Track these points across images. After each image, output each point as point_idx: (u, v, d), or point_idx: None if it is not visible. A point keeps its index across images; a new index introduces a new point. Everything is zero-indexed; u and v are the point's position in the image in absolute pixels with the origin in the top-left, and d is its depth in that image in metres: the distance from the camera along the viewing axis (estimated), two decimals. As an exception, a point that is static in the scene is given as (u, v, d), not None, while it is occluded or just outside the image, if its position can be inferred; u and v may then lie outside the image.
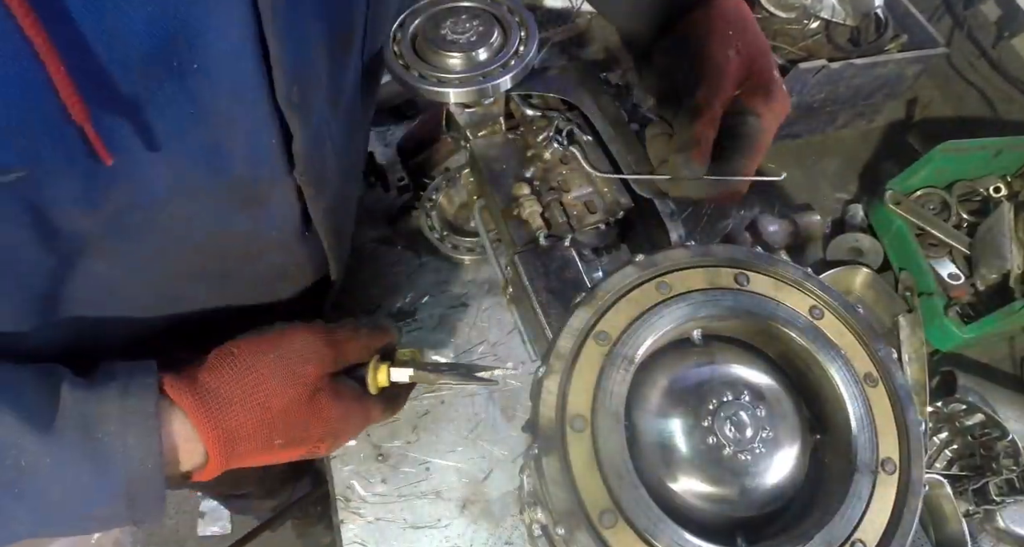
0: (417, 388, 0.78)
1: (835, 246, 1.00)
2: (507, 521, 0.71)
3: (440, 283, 0.85)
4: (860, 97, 1.05)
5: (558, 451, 0.41)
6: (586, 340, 0.45)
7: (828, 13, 1.01)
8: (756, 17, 1.03)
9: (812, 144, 1.12)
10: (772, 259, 0.51)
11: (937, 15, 1.20)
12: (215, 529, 1.78)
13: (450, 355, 0.80)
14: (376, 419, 0.59)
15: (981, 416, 0.80)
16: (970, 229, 1.00)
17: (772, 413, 0.46)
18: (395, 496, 0.72)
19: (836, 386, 0.47)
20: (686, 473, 0.44)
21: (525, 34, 0.58)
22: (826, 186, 1.08)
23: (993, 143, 0.99)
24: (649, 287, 0.48)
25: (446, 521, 0.71)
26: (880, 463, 0.45)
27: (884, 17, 1.04)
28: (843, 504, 0.43)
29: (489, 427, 0.76)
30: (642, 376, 0.47)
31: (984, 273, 0.93)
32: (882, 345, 0.49)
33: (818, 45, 1.02)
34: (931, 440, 0.81)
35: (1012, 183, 1.02)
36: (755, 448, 0.44)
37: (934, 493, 0.73)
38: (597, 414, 0.43)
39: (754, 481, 0.44)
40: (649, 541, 0.40)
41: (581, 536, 0.39)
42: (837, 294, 0.51)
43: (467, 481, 0.73)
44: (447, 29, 0.57)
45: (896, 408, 0.47)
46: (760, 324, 0.49)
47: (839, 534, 0.42)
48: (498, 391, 0.78)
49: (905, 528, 0.43)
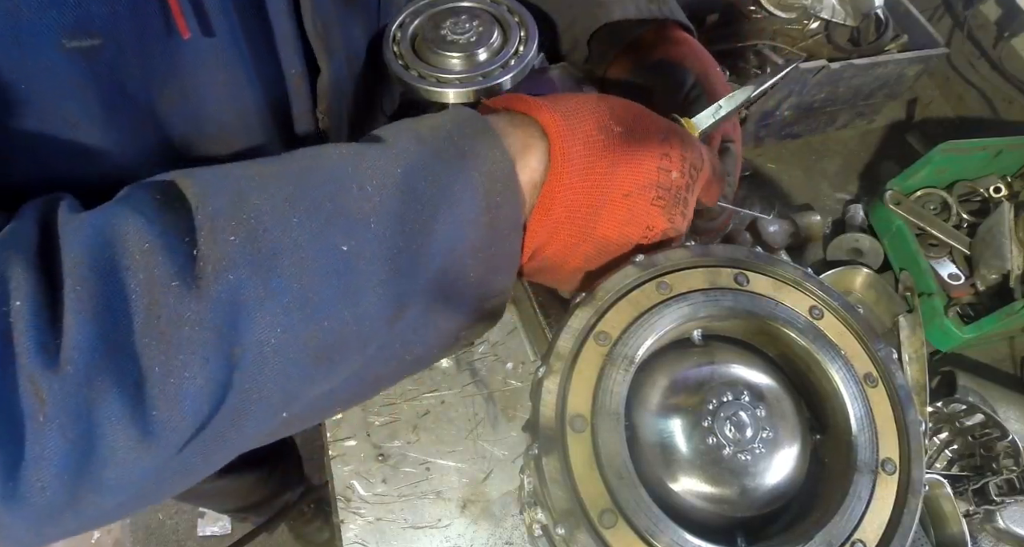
0: (417, 388, 0.78)
1: (835, 246, 1.00)
2: (507, 521, 0.71)
3: (440, 283, 0.85)
4: (860, 97, 1.05)
5: (558, 451, 0.41)
6: (586, 340, 0.45)
7: (828, 13, 1.01)
8: (756, 17, 1.03)
9: (812, 144, 1.12)
10: (772, 259, 0.51)
11: (937, 15, 1.20)
12: (215, 529, 1.78)
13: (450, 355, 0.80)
14: (712, 162, 0.50)
15: (981, 416, 0.80)
16: (970, 229, 1.00)
17: (772, 413, 0.46)
18: (395, 496, 0.72)
19: (836, 386, 0.47)
20: (686, 473, 0.45)
21: (525, 34, 0.58)
22: (826, 186, 1.08)
23: (993, 143, 0.99)
24: (649, 287, 0.48)
25: (446, 521, 0.71)
26: (880, 463, 0.45)
27: (884, 17, 1.04)
28: (843, 504, 0.43)
29: (489, 427, 0.76)
30: (642, 376, 0.47)
31: (984, 273, 0.93)
32: (882, 345, 0.49)
33: (818, 45, 1.03)
34: (931, 440, 0.81)
35: (1012, 183, 1.02)
36: (755, 448, 0.44)
37: (934, 493, 0.73)
38: (597, 414, 0.43)
39: (754, 481, 0.44)
40: (649, 541, 0.40)
41: (581, 536, 0.39)
42: (837, 294, 0.51)
43: (467, 481, 0.73)
44: (447, 29, 0.57)
45: (896, 408, 0.47)
46: (760, 324, 0.49)
47: (839, 534, 0.42)
48: (498, 391, 0.78)
49: (905, 528, 0.43)
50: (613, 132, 0.43)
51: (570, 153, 0.42)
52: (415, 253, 0.39)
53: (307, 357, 0.36)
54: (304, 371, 0.37)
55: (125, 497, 0.35)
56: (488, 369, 0.79)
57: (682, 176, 0.45)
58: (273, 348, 0.35)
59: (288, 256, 0.35)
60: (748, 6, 1.03)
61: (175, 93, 0.45)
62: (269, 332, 0.35)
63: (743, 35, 1.03)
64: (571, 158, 0.42)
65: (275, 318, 0.35)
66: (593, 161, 0.43)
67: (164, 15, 0.40)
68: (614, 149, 0.43)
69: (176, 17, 0.40)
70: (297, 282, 0.35)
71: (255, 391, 0.35)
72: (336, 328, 0.37)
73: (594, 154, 0.43)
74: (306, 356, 0.36)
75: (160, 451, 0.34)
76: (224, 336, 0.34)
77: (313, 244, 0.36)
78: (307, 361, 0.37)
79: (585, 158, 0.43)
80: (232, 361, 0.34)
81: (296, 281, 0.35)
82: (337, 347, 0.38)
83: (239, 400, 0.35)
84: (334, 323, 0.37)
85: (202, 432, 0.35)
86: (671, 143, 0.45)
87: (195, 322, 0.33)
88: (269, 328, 0.35)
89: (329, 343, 0.37)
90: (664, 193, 0.45)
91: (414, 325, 0.42)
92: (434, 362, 0.48)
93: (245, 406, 0.35)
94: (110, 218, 0.34)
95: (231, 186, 0.36)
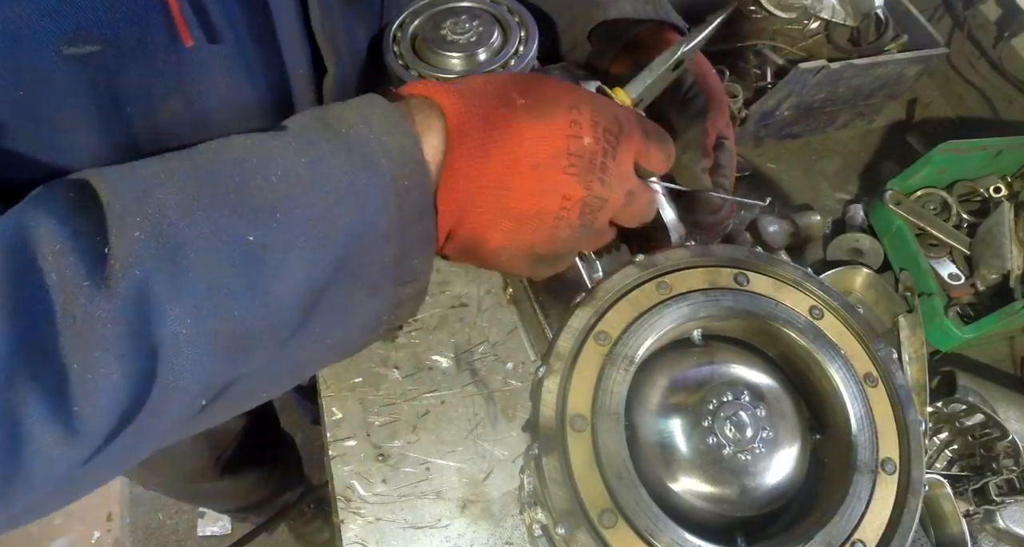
0: (417, 388, 0.78)
1: (835, 246, 1.00)
2: (507, 521, 0.71)
3: (440, 283, 0.85)
4: (860, 97, 1.05)
5: (558, 451, 0.41)
6: (586, 340, 0.45)
7: (828, 13, 1.01)
8: (756, 17, 1.03)
9: (812, 144, 1.12)
10: (772, 259, 0.51)
11: (937, 15, 1.20)
12: (215, 529, 1.78)
13: (450, 355, 0.80)
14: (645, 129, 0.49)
15: (981, 416, 0.80)
16: (970, 229, 1.00)
17: (772, 413, 0.46)
18: (395, 496, 0.72)
19: (836, 386, 0.47)
20: (686, 473, 0.45)
21: (525, 34, 0.58)
22: (826, 186, 1.08)
23: (993, 143, 0.99)
24: (649, 287, 0.48)
25: (446, 521, 0.71)
26: (880, 463, 0.45)
27: (884, 17, 1.04)
28: (843, 504, 0.43)
29: (489, 427, 0.76)
30: (642, 376, 0.48)
31: (984, 273, 0.93)
32: (882, 345, 0.49)
33: (818, 45, 1.03)
34: (931, 440, 0.81)
35: (1012, 183, 1.02)
36: (755, 448, 0.44)
37: (934, 493, 0.73)
38: (597, 414, 0.43)
39: (754, 481, 0.44)
40: (649, 541, 0.40)
41: (581, 536, 0.39)
42: (837, 294, 0.51)
43: (467, 481, 0.73)
44: (447, 29, 0.57)
45: (896, 408, 0.47)
46: (760, 324, 0.49)
47: (839, 534, 0.42)
48: (498, 391, 0.78)
49: (905, 528, 0.43)
50: (516, 105, 0.43)
51: (467, 128, 0.43)
52: (323, 242, 0.39)
53: (220, 347, 0.37)
54: (218, 360, 0.37)
55: (53, 491, 0.36)
56: (488, 369, 0.79)
57: (596, 142, 0.44)
58: (186, 339, 0.35)
59: (193, 249, 0.36)
60: (748, 6, 1.03)
61: (177, 100, 0.45)
62: (179, 324, 0.35)
63: (743, 35, 1.03)
64: (469, 132, 0.43)
65: (184, 311, 0.35)
66: (494, 135, 0.43)
67: (167, 23, 0.40)
68: (518, 121, 0.43)
69: (179, 26, 0.40)
70: (203, 274, 0.36)
71: (172, 381, 0.36)
72: (247, 318, 0.37)
73: (496, 128, 0.43)
74: (219, 346, 0.37)
75: (85, 446, 0.34)
76: (137, 331, 0.34)
77: (217, 236, 0.36)
78: (220, 351, 0.37)
79: (485, 132, 0.43)
80: (147, 354, 0.35)
81: (202, 273, 0.36)
82: (249, 336, 0.38)
83: (158, 391, 0.35)
84: (244, 313, 0.37)
85: (124, 424, 0.35)
86: (579, 110, 0.44)
87: (107, 319, 0.34)
88: (179, 320, 0.35)
89: (240, 332, 0.37)
90: (577, 160, 0.44)
91: (330, 311, 0.42)
92: (363, 347, 0.48)
93: (163, 396, 0.36)
94: (22, 220, 0.35)
95: (137, 183, 0.36)
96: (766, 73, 1.02)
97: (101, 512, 1.82)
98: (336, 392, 0.77)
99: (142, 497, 1.83)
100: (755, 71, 1.02)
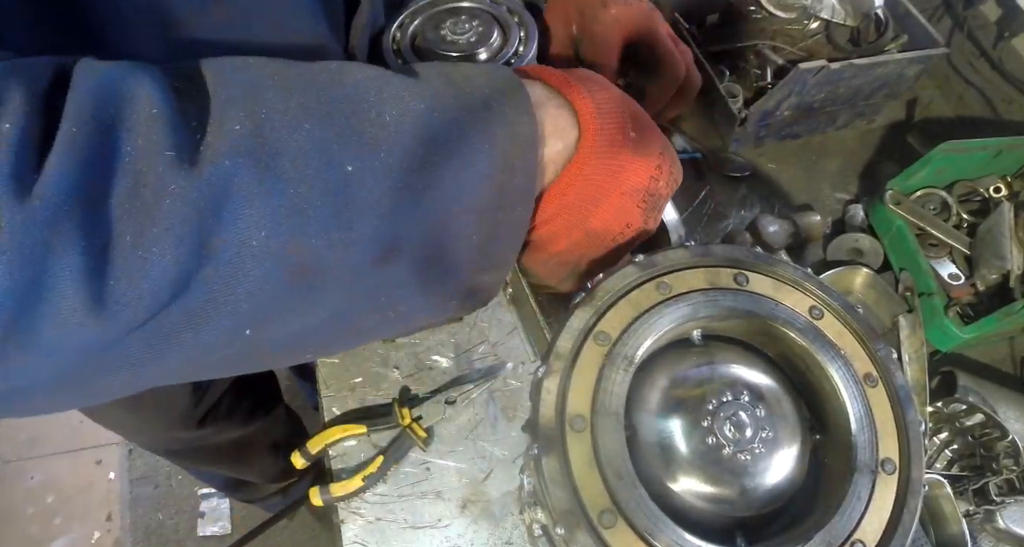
0: (417, 388, 0.78)
1: (835, 246, 1.00)
2: (507, 521, 0.71)
3: (440, 283, 0.85)
4: (860, 97, 1.05)
5: (558, 451, 0.41)
6: (586, 340, 0.45)
7: (828, 13, 1.01)
8: (755, 17, 1.03)
9: (812, 144, 1.12)
10: (772, 259, 0.51)
11: (937, 15, 1.20)
12: (215, 529, 1.78)
13: (450, 355, 0.80)
14: None
15: (981, 416, 0.80)
16: (970, 229, 1.00)
17: (772, 413, 0.46)
18: (395, 496, 0.72)
19: (836, 386, 0.47)
20: (686, 473, 0.45)
21: (525, 34, 0.58)
22: (826, 186, 1.08)
23: (993, 143, 0.99)
24: (649, 287, 0.48)
25: (446, 521, 0.71)
26: (880, 463, 0.45)
27: (884, 17, 1.04)
28: (843, 504, 0.43)
29: (489, 427, 0.76)
30: (642, 376, 0.48)
31: (984, 273, 0.93)
32: (882, 345, 0.49)
33: (818, 45, 1.02)
34: (931, 440, 0.81)
35: (1012, 183, 1.02)
36: (755, 448, 0.44)
37: (934, 493, 0.73)
38: (597, 414, 0.43)
39: (754, 481, 0.45)
40: (649, 541, 0.40)
41: (581, 536, 0.39)
42: (837, 294, 0.51)
43: (467, 481, 0.73)
44: (447, 30, 0.57)
45: (896, 408, 0.47)
46: (760, 324, 0.49)
47: (839, 534, 0.42)
48: (498, 391, 0.78)
49: (905, 528, 0.43)
50: (629, 136, 0.46)
51: (598, 149, 0.45)
52: (419, 195, 0.37)
53: (286, 273, 0.34)
54: (279, 288, 0.34)
55: (56, 369, 0.32)
56: (488, 369, 0.79)
57: (666, 187, 0.49)
58: (253, 252, 0.33)
59: (289, 159, 0.33)
60: (748, 6, 1.03)
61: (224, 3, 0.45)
62: (253, 232, 0.32)
63: (743, 35, 1.03)
64: (598, 153, 0.45)
65: (262, 218, 0.33)
66: (609, 163, 0.46)
67: None
68: (626, 152, 0.46)
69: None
70: (293, 188, 0.33)
71: (222, 294, 0.33)
72: (322, 250, 0.35)
73: (615, 156, 0.46)
74: (285, 272, 0.34)
75: (106, 326, 0.31)
76: (205, 220, 0.31)
77: (318, 156, 0.34)
78: (285, 278, 0.34)
79: (607, 157, 0.46)
80: (207, 251, 0.32)
81: (292, 186, 0.33)
82: (318, 271, 0.35)
83: (204, 299, 0.33)
84: (321, 243, 0.35)
85: (155, 320, 0.32)
86: (664, 157, 0.49)
87: (179, 196, 0.31)
88: (254, 227, 0.32)
89: (311, 265, 0.35)
90: (649, 198, 0.48)
91: (403, 278, 0.40)
92: (418, 329, 0.48)
93: (208, 309, 0.33)
94: (127, 76, 0.32)
95: (249, 80, 0.35)
96: (766, 73, 1.02)
97: (101, 512, 1.82)
98: (336, 392, 0.77)
99: (142, 497, 1.83)
100: (755, 71, 1.02)
